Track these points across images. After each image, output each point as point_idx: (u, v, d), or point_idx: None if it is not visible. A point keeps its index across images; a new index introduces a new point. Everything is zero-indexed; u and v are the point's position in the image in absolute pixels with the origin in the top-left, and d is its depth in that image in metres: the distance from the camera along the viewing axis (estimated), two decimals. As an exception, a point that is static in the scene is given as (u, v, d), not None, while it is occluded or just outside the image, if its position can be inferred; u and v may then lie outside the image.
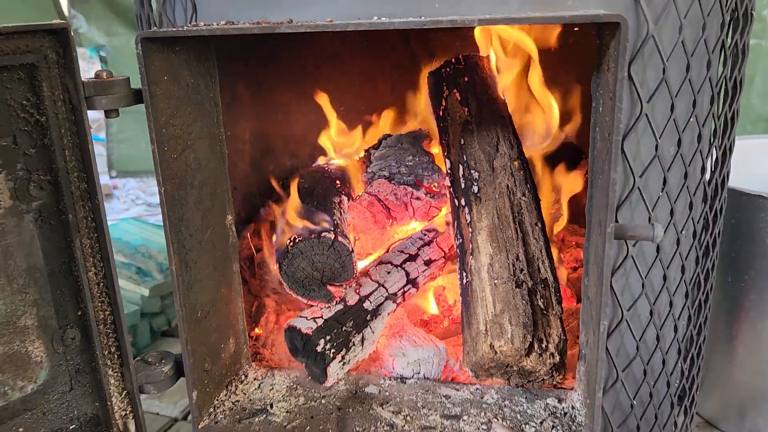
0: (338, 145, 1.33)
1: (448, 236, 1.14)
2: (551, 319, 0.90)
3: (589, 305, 0.85)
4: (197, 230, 0.86)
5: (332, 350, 0.93)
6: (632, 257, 0.87)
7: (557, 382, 0.93)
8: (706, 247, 0.98)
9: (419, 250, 1.10)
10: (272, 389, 0.96)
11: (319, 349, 0.93)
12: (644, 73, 0.82)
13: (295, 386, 0.97)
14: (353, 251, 0.98)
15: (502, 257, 0.94)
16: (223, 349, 0.95)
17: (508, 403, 0.91)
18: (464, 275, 0.97)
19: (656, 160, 0.84)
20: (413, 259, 1.08)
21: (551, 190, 1.21)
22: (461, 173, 1.06)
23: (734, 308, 1.45)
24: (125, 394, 0.85)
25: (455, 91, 1.16)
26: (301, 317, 0.97)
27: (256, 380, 0.99)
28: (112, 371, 0.84)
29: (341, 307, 0.98)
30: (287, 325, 0.97)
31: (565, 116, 1.20)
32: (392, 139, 1.26)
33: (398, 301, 1.04)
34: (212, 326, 0.91)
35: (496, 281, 0.92)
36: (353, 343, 0.96)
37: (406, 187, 1.15)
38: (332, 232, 0.97)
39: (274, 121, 1.40)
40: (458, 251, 1.01)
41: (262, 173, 1.37)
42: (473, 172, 1.04)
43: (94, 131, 0.76)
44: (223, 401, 0.94)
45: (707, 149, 0.90)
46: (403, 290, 1.05)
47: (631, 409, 0.95)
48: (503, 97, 1.17)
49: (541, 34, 1.09)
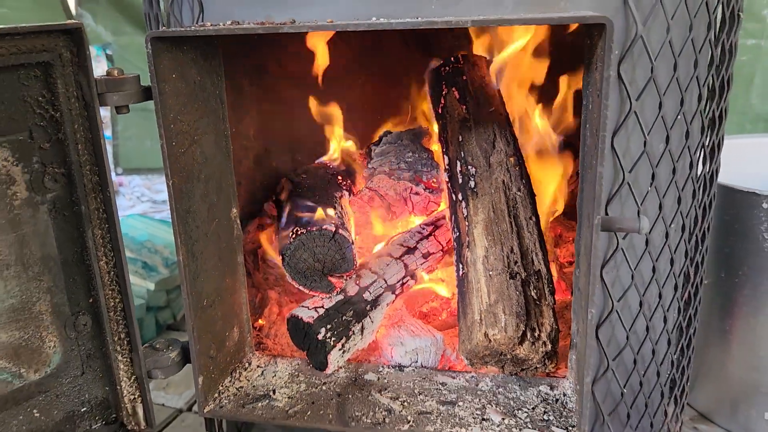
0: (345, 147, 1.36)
1: (446, 230, 1.17)
2: (544, 309, 0.93)
3: (579, 295, 0.88)
4: (203, 222, 0.90)
5: (333, 339, 0.97)
6: (622, 249, 0.91)
7: (550, 370, 0.96)
8: (695, 240, 1.01)
9: (418, 243, 1.13)
10: (275, 376, 1.00)
11: (320, 337, 0.96)
12: (633, 72, 0.85)
13: (296, 373, 1.00)
14: (353, 243, 1.01)
15: (497, 250, 0.98)
16: (227, 337, 0.98)
17: (502, 390, 0.94)
18: (461, 267, 1.00)
19: (645, 155, 0.87)
20: (412, 251, 1.11)
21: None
22: (459, 169, 1.09)
23: (728, 303, 1.48)
24: (134, 379, 0.89)
25: (454, 89, 1.19)
26: (303, 307, 1.01)
27: (259, 367, 1.02)
28: (121, 357, 0.87)
29: (342, 297, 1.02)
30: (290, 314, 1.01)
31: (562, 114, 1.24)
32: (392, 136, 1.29)
33: (397, 292, 1.08)
34: (217, 315, 0.95)
35: (491, 273, 0.95)
36: (353, 332, 0.99)
37: (405, 182, 1.18)
38: (333, 225, 1.00)
39: (278, 118, 1.43)
40: (455, 244, 1.05)
41: (266, 169, 1.40)
42: (470, 167, 1.07)
43: (102, 128, 0.80)
44: (227, 387, 0.97)
45: (695, 146, 0.93)
46: (401, 282, 1.08)
47: (621, 397, 0.99)
48: (500, 95, 1.20)
49: (541, 32, 1.12)
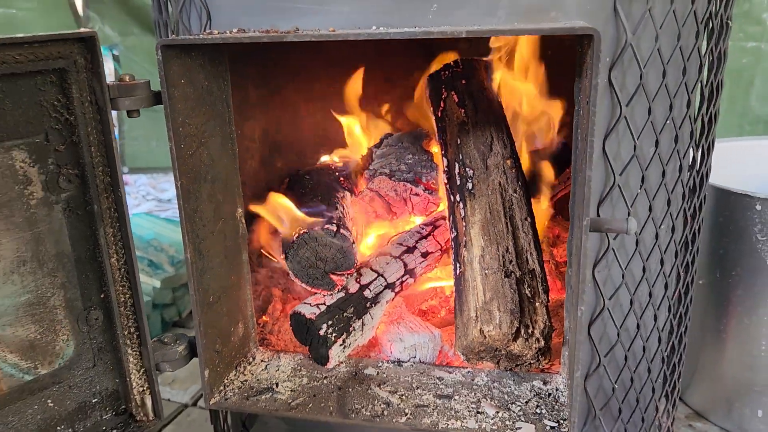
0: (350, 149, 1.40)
1: (444, 230, 1.20)
2: (537, 307, 0.97)
3: (571, 294, 0.91)
4: (210, 221, 0.94)
5: (334, 334, 1.00)
6: (613, 249, 0.94)
7: (543, 366, 0.99)
8: (685, 241, 1.04)
9: (417, 242, 1.16)
10: (278, 370, 1.03)
11: (321, 333, 1.00)
12: (624, 78, 0.88)
13: (299, 368, 1.04)
14: (354, 242, 1.05)
15: (492, 249, 1.01)
16: (232, 332, 1.02)
17: (496, 384, 0.98)
18: (458, 266, 1.04)
19: (635, 159, 0.91)
20: (411, 251, 1.15)
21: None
22: (457, 171, 1.12)
23: (722, 303, 1.51)
24: (143, 371, 0.93)
25: (453, 93, 1.22)
26: (305, 303, 1.04)
27: (263, 362, 1.06)
28: (131, 350, 0.91)
29: (343, 294, 1.05)
30: (293, 310, 1.04)
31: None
32: (393, 138, 1.33)
33: (396, 290, 1.11)
34: (223, 311, 0.99)
35: (486, 271, 0.99)
36: (354, 328, 1.03)
37: (405, 183, 1.22)
38: (335, 224, 1.04)
39: (282, 119, 1.47)
40: (453, 243, 1.08)
41: (270, 169, 1.44)
42: (468, 169, 1.11)
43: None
44: (232, 380, 1.01)
45: (685, 149, 0.96)
46: (401, 280, 1.12)
47: (612, 392, 1.02)
48: (499, 99, 1.23)
49: (536, 39, 1.15)
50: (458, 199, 1.09)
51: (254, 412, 0.96)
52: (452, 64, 1.27)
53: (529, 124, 1.27)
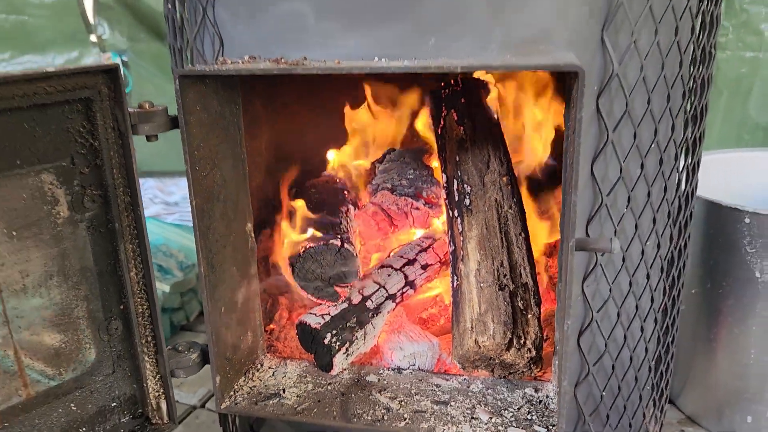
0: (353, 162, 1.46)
1: (443, 243, 1.26)
2: (529, 318, 1.03)
3: (560, 307, 0.97)
4: (222, 237, 1.00)
5: (338, 343, 1.06)
6: (601, 266, 1.00)
7: (535, 374, 1.05)
8: (671, 256, 1.10)
9: (417, 255, 1.22)
10: (285, 377, 1.10)
11: (326, 342, 1.06)
12: (611, 105, 0.94)
13: (304, 374, 1.10)
14: (357, 256, 1.11)
15: (488, 263, 1.07)
16: (242, 340, 1.08)
17: (491, 391, 1.04)
18: (455, 279, 1.10)
19: (621, 180, 0.96)
20: (411, 263, 1.21)
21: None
22: (456, 187, 1.18)
23: (713, 313, 1.56)
24: (159, 377, 0.99)
25: (453, 111, 1.28)
26: (310, 314, 1.11)
27: (270, 369, 1.12)
28: (148, 357, 0.97)
29: (346, 305, 1.11)
30: (298, 320, 1.10)
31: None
32: (395, 153, 1.39)
33: (397, 300, 1.17)
34: (233, 320, 1.05)
35: (482, 285, 1.05)
36: (356, 337, 1.09)
37: (406, 198, 1.28)
38: (339, 239, 1.10)
39: (288, 132, 1.53)
40: (451, 257, 1.14)
41: (277, 181, 1.49)
42: (466, 186, 1.16)
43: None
44: (241, 386, 1.07)
45: (669, 171, 1.02)
46: (401, 291, 1.17)
47: (601, 399, 1.08)
48: (496, 117, 1.29)
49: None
50: (456, 214, 1.15)
51: (262, 416, 1.02)
52: (452, 82, 1.32)
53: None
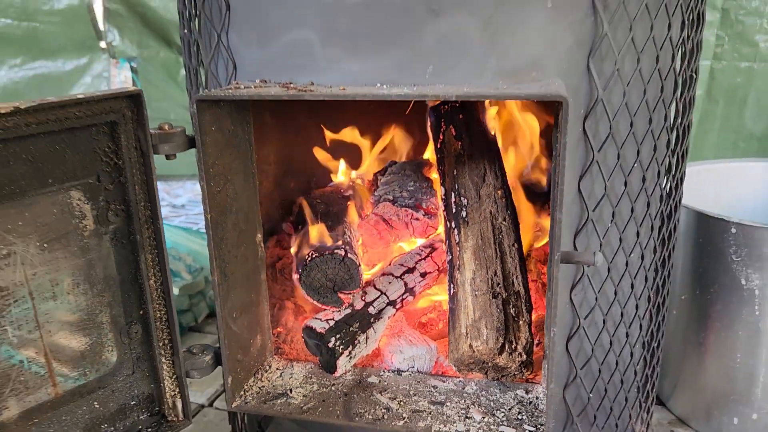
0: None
1: (441, 252, 1.33)
2: (521, 325, 1.10)
3: (548, 315, 1.04)
4: (234, 247, 1.07)
5: (341, 346, 1.14)
6: (588, 276, 1.07)
7: (527, 377, 1.12)
8: (655, 267, 1.17)
9: (416, 263, 1.29)
10: (291, 377, 1.17)
11: (330, 345, 1.13)
12: (596, 127, 1.01)
13: (310, 375, 1.17)
14: (360, 265, 1.18)
15: (482, 273, 1.14)
16: (251, 343, 1.16)
17: (484, 393, 1.11)
18: (452, 287, 1.17)
19: (606, 197, 1.03)
20: (411, 271, 1.28)
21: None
22: (453, 200, 1.25)
23: (702, 318, 1.62)
24: (175, 378, 1.06)
25: (451, 126, 1.35)
26: (316, 319, 1.18)
27: (278, 370, 1.19)
28: (165, 359, 1.05)
29: (349, 311, 1.19)
30: (304, 325, 1.17)
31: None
32: (397, 166, 1.46)
33: (397, 306, 1.24)
34: (244, 325, 1.12)
35: (476, 293, 1.12)
36: (359, 341, 1.16)
37: (407, 209, 1.35)
38: (343, 248, 1.17)
39: (295, 144, 1.60)
40: (448, 266, 1.21)
41: (284, 189, 1.57)
42: (463, 199, 1.23)
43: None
44: (251, 386, 1.14)
45: (652, 188, 1.08)
46: (401, 298, 1.25)
47: (588, 401, 1.15)
48: (492, 133, 1.36)
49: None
50: (453, 225, 1.22)
51: (271, 414, 1.09)
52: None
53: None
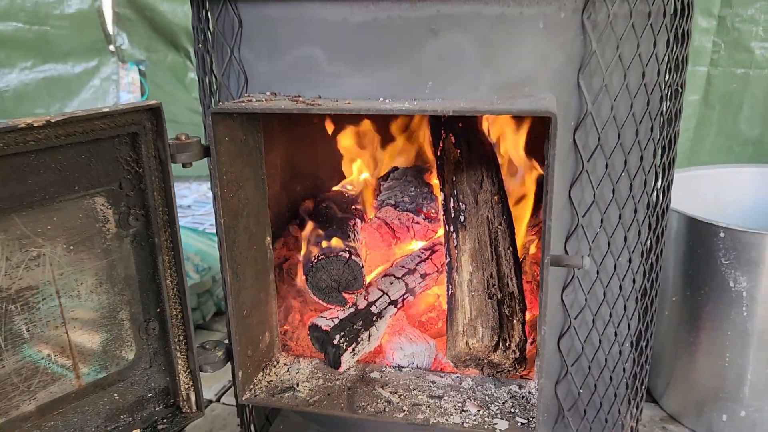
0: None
1: (441, 254, 1.40)
2: (515, 324, 1.16)
3: (540, 314, 1.10)
4: (245, 249, 1.14)
5: (345, 343, 1.20)
6: (578, 278, 1.13)
7: (520, 373, 1.19)
8: (643, 270, 1.23)
9: (417, 265, 1.36)
10: (298, 372, 1.24)
11: (335, 342, 1.20)
12: (586, 138, 1.07)
13: (316, 371, 1.24)
14: (363, 267, 1.25)
15: (479, 274, 1.20)
16: (260, 340, 1.22)
17: (480, 388, 1.17)
18: (450, 287, 1.23)
19: (595, 204, 1.10)
20: (412, 272, 1.34)
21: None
22: (452, 205, 1.32)
23: (693, 319, 1.68)
24: (189, 372, 1.13)
25: (450, 134, 1.41)
26: (321, 317, 1.24)
27: (285, 365, 1.26)
28: (180, 354, 1.12)
29: (353, 310, 1.25)
30: (311, 322, 1.24)
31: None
32: (399, 172, 1.52)
33: (399, 306, 1.31)
34: (254, 322, 1.19)
35: (473, 293, 1.18)
36: (362, 338, 1.23)
37: (408, 213, 1.41)
38: (347, 251, 1.24)
39: (301, 149, 1.66)
40: (447, 268, 1.28)
41: (291, 192, 1.63)
42: (461, 204, 1.30)
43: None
44: (260, 380, 1.21)
45: (639, 195, 1.15)
46: (402, 297, 1.31)
47: (578, 395, 1.21)
48: (490, 140, 1.43)
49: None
50: (452, 229, 1.29)
51: (279, 407, 1.16)
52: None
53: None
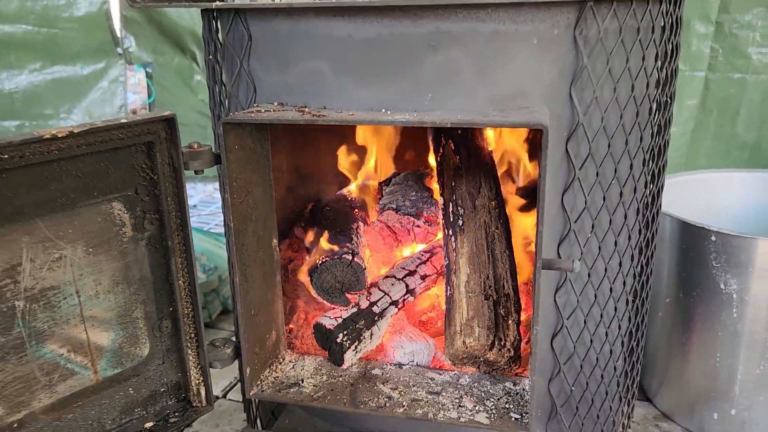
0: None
1: (440, 257, 1.46)
2: (510, 324, 1.22)
3: (534, 315, 1.16)
4: (253, 251, 1.20)
5: (348, 341, 1.26)
6: (570, 280, 1.19)
7: (515, 371, 1.24)
8: (633, 273, 1.28)
9: (417, 267, 1.41)
10: (303, 369, 1.29)
11: (338, 340, 1.25)
12: (578, 148, 1.12)
13: (320, 368, 1.29)
14: (365, 268, 1.30)
15: (476, 276, 1.26)
16: (267, 338, 1.28)
17: (476, 384, 1.23)
18: (448, 289, 1.29)
19: (587, 210, 1.15)
20: (412, 274, 1.40)
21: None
22: (451, 209, 1.37)
23: (686, 320, 1.73)
24: (199, 368, 1.19)
25: (450, 141, 1.47)
26: (325, 316, 1.30)
27: (290, 362, 1.32)
28: (191, 351, 1.17)
29: (356, 309, 1.31)
30: (315, 321, 1.30)
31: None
32: (400, 177, 1.58)
33: (399, 306, 1.36)
34: (261, 321, 1.24)
35: (470, 294, 1.24)
36: (364, 337, 1.29)
37: (409, 217, 1.47)
38: (350, 253, 1.29)
39: (305, 153, 1.72)
40: (446, 270, 1.33)
41: (295, 195, 1.69)
42: (460, 209, 1.35)
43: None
44: (267, 377, 1.27)
45: (629, 202, 1.20)
46: (403, 298, 1.37)
47: (570, 393, 1.26)
48: (488, 147, 1.48)
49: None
50: (451, 233, 1.34)
51: (284, 402, 1.21)
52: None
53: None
